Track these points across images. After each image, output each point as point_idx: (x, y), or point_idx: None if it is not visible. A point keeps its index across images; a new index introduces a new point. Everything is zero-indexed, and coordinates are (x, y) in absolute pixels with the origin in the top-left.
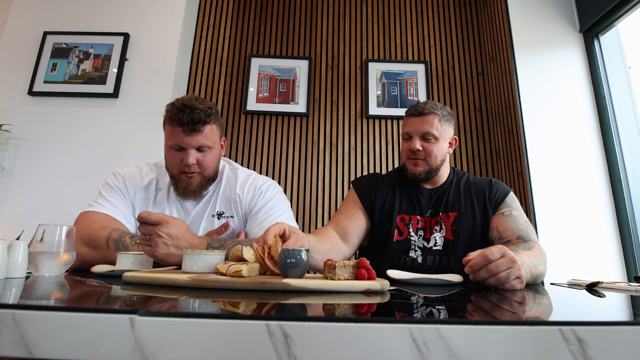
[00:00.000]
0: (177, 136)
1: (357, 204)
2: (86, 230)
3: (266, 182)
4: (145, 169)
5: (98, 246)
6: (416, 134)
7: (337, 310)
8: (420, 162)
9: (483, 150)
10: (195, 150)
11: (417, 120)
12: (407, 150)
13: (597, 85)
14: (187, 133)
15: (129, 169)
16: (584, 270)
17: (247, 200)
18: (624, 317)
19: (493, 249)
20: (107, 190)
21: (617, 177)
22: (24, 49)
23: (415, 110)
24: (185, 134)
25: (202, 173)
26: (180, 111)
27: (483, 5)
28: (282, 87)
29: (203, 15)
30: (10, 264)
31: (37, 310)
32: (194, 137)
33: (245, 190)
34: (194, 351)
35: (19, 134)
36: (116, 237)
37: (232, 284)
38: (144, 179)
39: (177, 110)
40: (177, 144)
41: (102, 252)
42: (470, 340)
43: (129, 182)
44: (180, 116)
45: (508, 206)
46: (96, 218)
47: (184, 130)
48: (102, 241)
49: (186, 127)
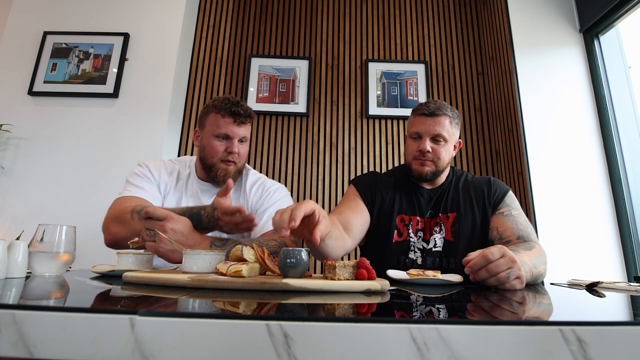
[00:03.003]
0: (227, 126)
1: (359, 198)
2: (116, 211)
3: (275, 185)
4: (167, 161)
5: (124, 221)
6: (427, 135)
7: (337, 310)
8: (428, 163)
9: (483, 150)
10: (237, 141)
11: (428, 120)
12: (415, 150)
13: (597, 85)
14: (237, 124)
15: (153, 161)
16: (584, 270)
17: (254, 199)
18: (624, 317)
19: (493, 249)
20: (134, 178)
21: (617, 177)
22: (24, 49)
23: (428, 109)
24: (235, 125)
25: (238, 163)
26: (233, 104)
27: (483, 5)
28: (282, 87)
29: (203, 15)
30: (10, 264)
31: (37, 310)
32: (241, 128)
33: (253, 189)
34: (194, 351)
35: (19, 134)
36: (139, 209)
37: (232, 284)
38: (167, 167)
39: (230, 104)
40: (225, 133)
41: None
42: (470, 340)
43: (154, 169)
44: (234, 109)
45: (507, 206)
46: (127, 201)
47: (235, 121)
48: (128, 215)
49: (238, 118)
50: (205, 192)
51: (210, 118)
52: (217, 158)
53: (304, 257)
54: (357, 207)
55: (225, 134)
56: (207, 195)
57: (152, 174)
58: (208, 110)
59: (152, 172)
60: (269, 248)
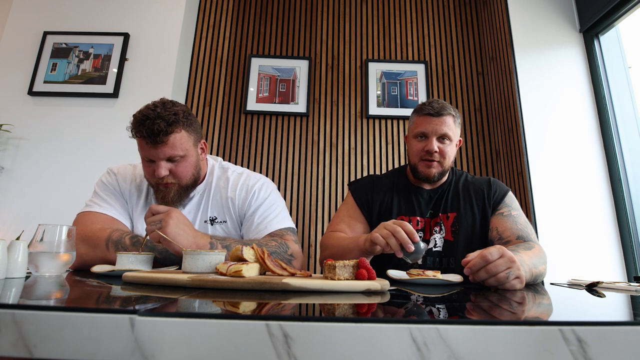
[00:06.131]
0: (143, 149)
1: (356, 211)
2: (86, 232)
3: (259, 181)
4: (139, 166)
5: (98, 247)
6: (433, 135)
7: (337, 310)
8: (435, 164)
9: (483, 150)
10: (165, 162)
11: (435, 120)
12: (421, 151)
13: (597, 85)
14: (151, 146)
15: (124, 167)
16: (584, 270)
17: (239, 202)
18: (624, 317)
19: (492, 249)
20: (102, 189)
21: (617, 177)
22: (24, 49)
23: (433, 109)
24: (150, 147)
25: (179, 183)
26: (140, 123)
27: (483, 5)
28: (282, 87)
29: (203, 15)
30: (10, 264)
31: (37, 310)
32: (159, 149)
33: (237, 192)
34: (194, 351)
35: (19, 134)
36: (116, 238)
37: (232, 284)
38: (137, 177)
39: (137, 123)
40: (145, 156)
41: (102, 252)
42: (470, 340)
43: (122, 180)
44: (140, 129)
45: (507, 206)
46: (95, 219)
47: (147, 142)
48: (103, 242)
49: (149, 139)
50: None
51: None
52: (152, 181)
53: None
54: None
55: (146, 156)
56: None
57: (119, 184)
58: None
59: (119, 182)
60: (269, 248)
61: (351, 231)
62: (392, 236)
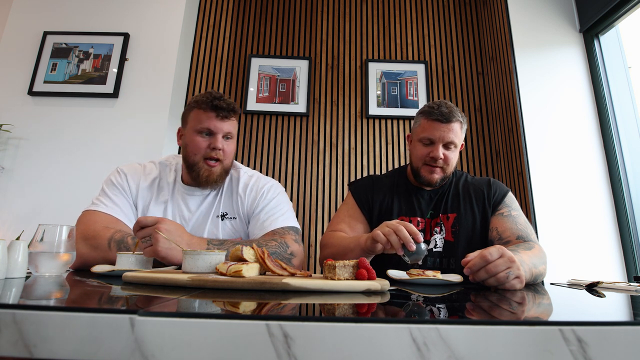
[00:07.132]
0: (209, 121)
1: (356, 211)
2: (88, 231)
3: (268, 183)
4: (149, 166)
5: (100, 247)
6: (440, 142)
7: (337, 310)
8: (438, 170)
9: (483, 150)
10: (222, 137)
11: (443, 127)
12: (426, 156)
13: (597, 85)
14: (220, 118)
15: (133, 166)
16: (584, 270)
17: (249, 201)
18: (624, 317)
19: (491, 249)
20: (110, 188)
21: (617, 177)
22: (24, 49)
23: (441, 115)
24: (219, 119)
25: (223, 162)
26: (215, 98)
27: (483, 5)
28: (282, 87)
29: (203, 15)
30: (10, 264)
31: (37, 310)
32: (225, 123)
33: (247, 191)
34: (194, 351)
35: (19, 134)
36: (118, 239)
37: (232, 284)
38: (147, 177)
39: (212, 98)
40: (208, 128)
41: (103, 253)
42: (470, 340)
43: (132, 180)
44: (216, 102)
45: (507, 206)
46: (98, 218)
47: (217, 115)
48: (105, 242)
49: (221, 112)
50: (191, 197)
51: (192, 114)
52: (200, 155)
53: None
54: (355, 226)
55: (208, 128)
56: (194, 200)
57: (128, 184)
58: (190, 106)
59: (129, 182)
60: (269, 248)
61: (351, 231)
62: (393, 234)
